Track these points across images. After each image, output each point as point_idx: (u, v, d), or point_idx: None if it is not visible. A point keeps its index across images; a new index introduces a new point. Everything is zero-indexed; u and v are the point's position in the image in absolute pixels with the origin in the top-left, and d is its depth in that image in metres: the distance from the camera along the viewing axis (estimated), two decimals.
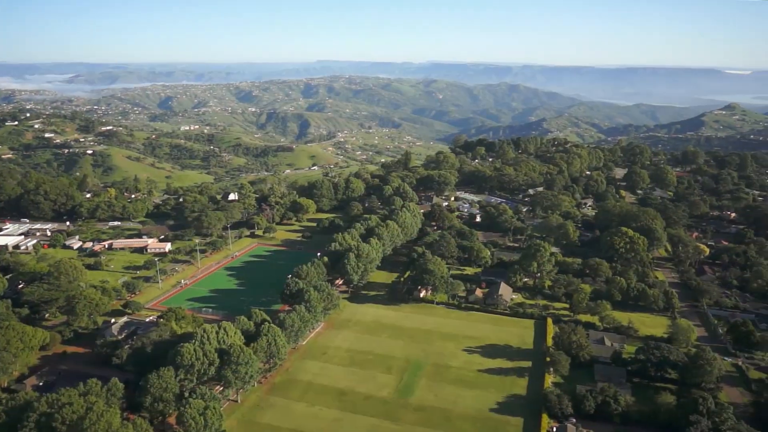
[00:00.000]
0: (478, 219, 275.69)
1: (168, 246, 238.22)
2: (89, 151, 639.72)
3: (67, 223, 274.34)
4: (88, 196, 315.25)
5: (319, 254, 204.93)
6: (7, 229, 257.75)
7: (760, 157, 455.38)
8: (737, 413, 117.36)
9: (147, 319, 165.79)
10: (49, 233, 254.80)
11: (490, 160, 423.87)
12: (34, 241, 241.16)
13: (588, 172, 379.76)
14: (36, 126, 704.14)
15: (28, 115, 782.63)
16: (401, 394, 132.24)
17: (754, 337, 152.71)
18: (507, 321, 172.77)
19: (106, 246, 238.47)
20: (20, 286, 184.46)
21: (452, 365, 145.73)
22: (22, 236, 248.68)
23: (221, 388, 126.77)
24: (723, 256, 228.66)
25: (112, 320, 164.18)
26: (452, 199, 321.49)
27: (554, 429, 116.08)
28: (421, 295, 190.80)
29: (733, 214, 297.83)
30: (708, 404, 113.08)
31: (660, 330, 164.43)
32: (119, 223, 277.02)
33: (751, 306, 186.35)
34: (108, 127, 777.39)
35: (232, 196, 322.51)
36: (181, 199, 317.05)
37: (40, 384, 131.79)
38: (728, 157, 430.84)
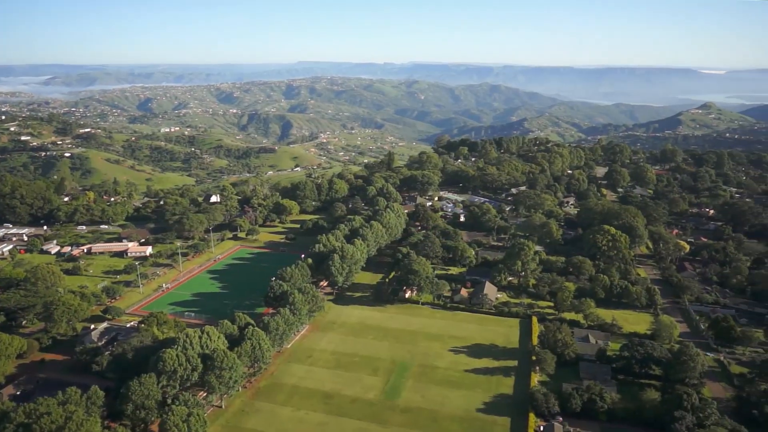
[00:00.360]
0: (462, 218, 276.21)
1: (149, 249, 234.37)
2: (67, 154, 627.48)
3: (45, 227, 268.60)
4: (66, 199, 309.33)
5: (303, 256, 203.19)
6: None
7: (736, 155, 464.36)
8: (720, 408, 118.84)
9: (128, 325, 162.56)
10: (25, 238, 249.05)
11: (473, 159, 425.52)
12: (10, 246, 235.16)
13: (569, 171, 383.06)
14: (12, 129, 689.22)
15: (3, 117, 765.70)
16: (388, 395, 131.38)
17: (734, 332, 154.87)
18: (492, 320, 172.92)
19: (85, 250, 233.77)
20: None
21: (439, 366, 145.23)
22: None
23: (205, 394, 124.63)
24: (703, 252, 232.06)
25: (92, 326, 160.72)
26: (436, 199, 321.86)
27: (541, 428, 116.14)
28: (407, 295, 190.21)
29: (712, 211, 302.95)
30: (692, 400, 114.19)
31: (643, 327, 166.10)
32: (98, 226, 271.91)
33: (731, 301, 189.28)
34: (86, 130, 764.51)
35: (213, 198, 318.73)
36: (161, 202, 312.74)
37: (18, 393, 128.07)
38: (705, 155, 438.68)
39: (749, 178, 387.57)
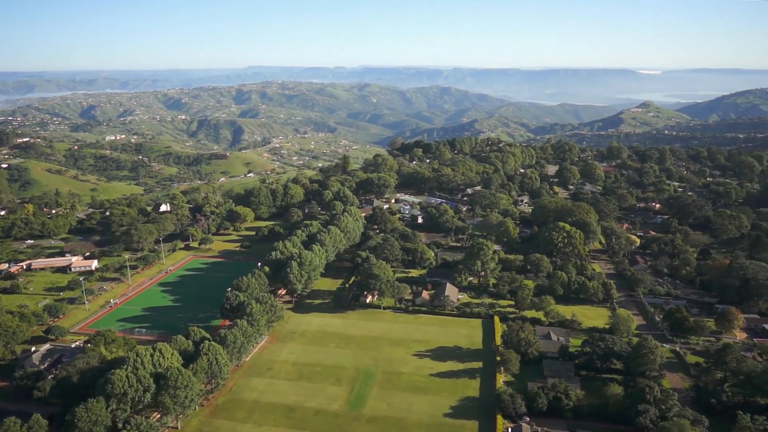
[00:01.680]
0: (419, 220, 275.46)
1: (94, 263, 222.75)
2: (4, 165, 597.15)
3: None
4: (2, 213, 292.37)
5: (259, 264, 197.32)
6: None
7: (676, 150, 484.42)
8: (680, 399, 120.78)
9: (73, 345, 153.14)
10: None
11: (428, 161, 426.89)
12: None
13: (522, 170, 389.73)
14: None
15: None
16: (353, 406, 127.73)
17: (688, 322, 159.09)
18: (455, 322, 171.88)
19: (24, 267, 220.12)
20: None
21: (403, 371, 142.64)
22: None
23: (159, 416, 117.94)
24: (652, 245, 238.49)
25: (33, 348, 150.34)
26: (393, 201, 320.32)
27: (509, 430, 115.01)
28: (368, 300, 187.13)
29: (658, 205, 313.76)
30: (654, 392, 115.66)
31: (601, 321, 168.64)
32: (39, 241, 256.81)
33: (682, 292, 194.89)
34: (25, 139, 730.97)
35: (163, 208, 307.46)
36: (107, 213, 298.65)
37: None
38: (648, 151, 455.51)
39: (690, 172, 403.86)
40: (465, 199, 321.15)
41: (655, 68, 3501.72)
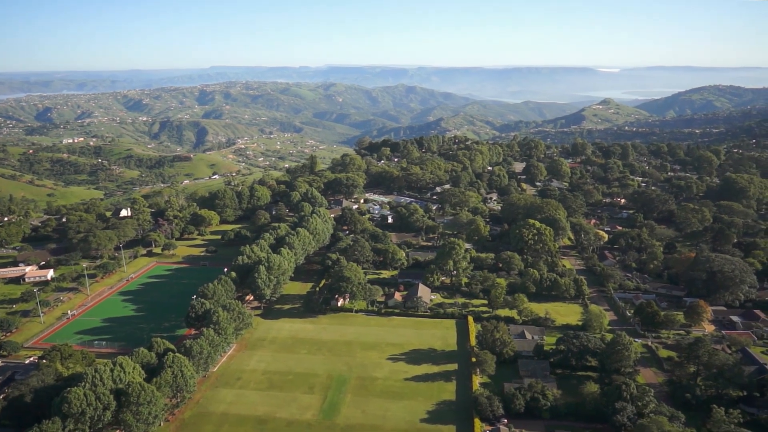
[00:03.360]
0: (389, 220, 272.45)
1: (50, 273, 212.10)
2: None
3: None
4: None
5: (225, 269, 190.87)
6: None
7: (638, 146, 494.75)
8: (655, 394, 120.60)
9: (26, 361, 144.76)
10: None
11: (396, 160, 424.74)
12: None
13: (490, 168, 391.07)
14: None
15: None
16: (326, 414, 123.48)
17: (658, 316, 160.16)
18: (428, 323, 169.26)
19: None
20: None
21: (377, 376, 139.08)
22: None
23: None
24: (620, 240, 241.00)
25: None
26: (362, 201, 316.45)
27: None
28: (339, 303, 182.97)
29: (623, 200, 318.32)
30: (631, 389, 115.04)
31: (574, 318, 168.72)
32: None
33: (651, 286, 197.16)
34: None
35: (124, 212, 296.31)
36: (64, 219, 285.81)
37: None
38: (612, 147, 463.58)
39: (652, 167, 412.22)
40: (434, 197, 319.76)
41: (613, 66, 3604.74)
